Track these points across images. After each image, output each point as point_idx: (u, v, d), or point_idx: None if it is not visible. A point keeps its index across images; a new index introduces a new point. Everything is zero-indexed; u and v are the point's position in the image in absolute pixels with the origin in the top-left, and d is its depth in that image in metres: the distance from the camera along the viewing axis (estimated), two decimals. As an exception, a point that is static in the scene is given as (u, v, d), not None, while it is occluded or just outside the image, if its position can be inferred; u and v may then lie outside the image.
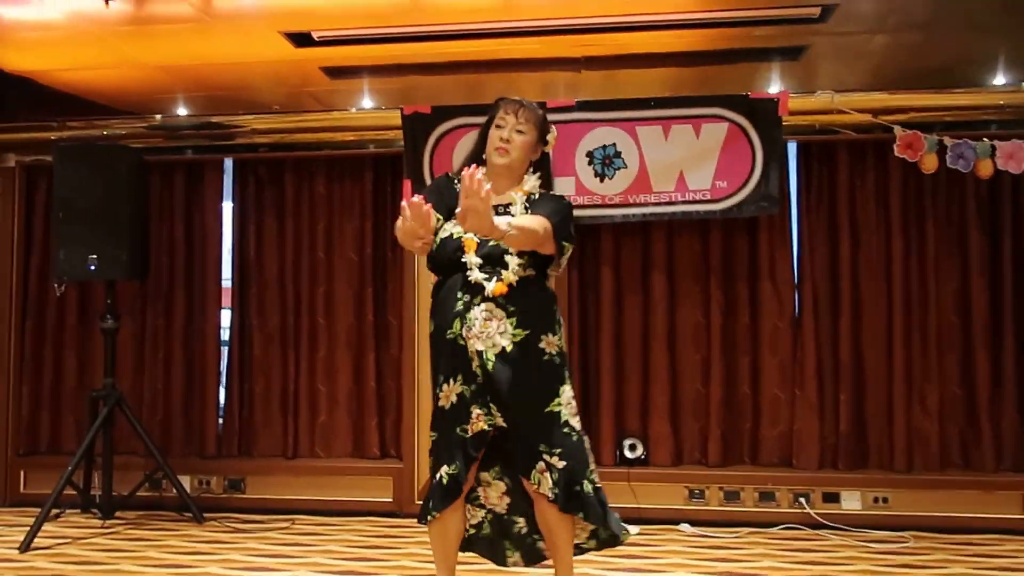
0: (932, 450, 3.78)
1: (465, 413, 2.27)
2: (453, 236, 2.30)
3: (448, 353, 2.29)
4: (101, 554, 3.37)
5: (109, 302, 3.85)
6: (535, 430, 2.26)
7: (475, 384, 2.27)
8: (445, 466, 2.29)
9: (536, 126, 2.38)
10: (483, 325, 2.25)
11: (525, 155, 2.38)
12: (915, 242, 3.86)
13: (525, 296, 2.28)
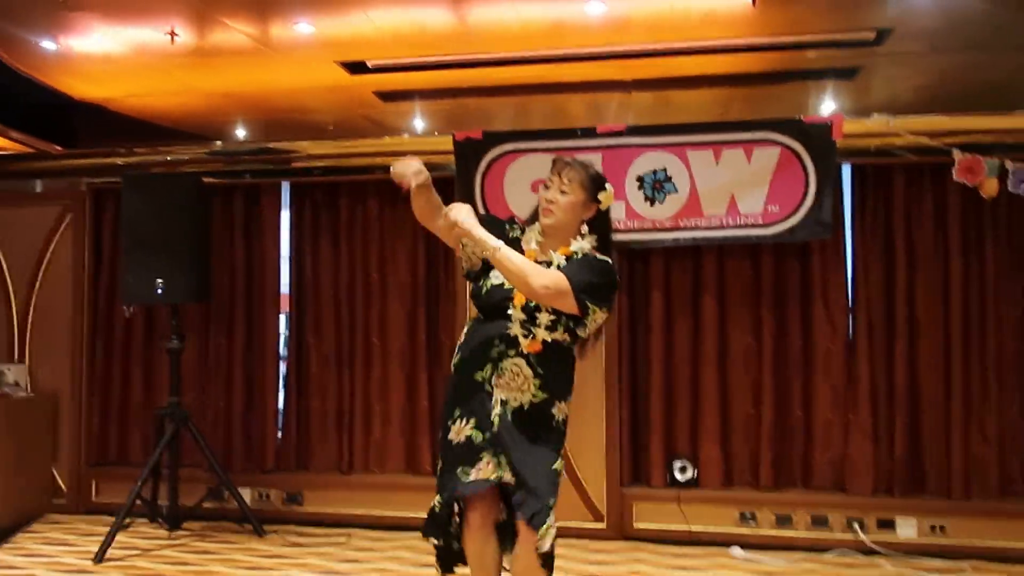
0: (991, 477, 3.71)
1: (472, 456, 2.31)
2: (504, 286, 2.35)
3: (470, 394, 2.35)
4: (169, 567, 3.52)
5: (174, 323, 4.01)
6: (540, 482, 2.29)
7: (489, 432, 2.31)
8: (439, 496, 2.38)
9: (582, 185, 2.35)
10: (511, 377, 2.31)
11: (571, 215, 2.36)
12: (975, 266, 3.78)
13: (554, 361, 2.33)
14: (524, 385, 2.31)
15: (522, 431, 2.30)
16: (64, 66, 3.76)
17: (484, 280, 2.39)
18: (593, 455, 3.89)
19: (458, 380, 2.39)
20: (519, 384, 2.31)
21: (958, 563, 3.49)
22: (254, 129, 4.45)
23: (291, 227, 4.46)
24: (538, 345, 2.30)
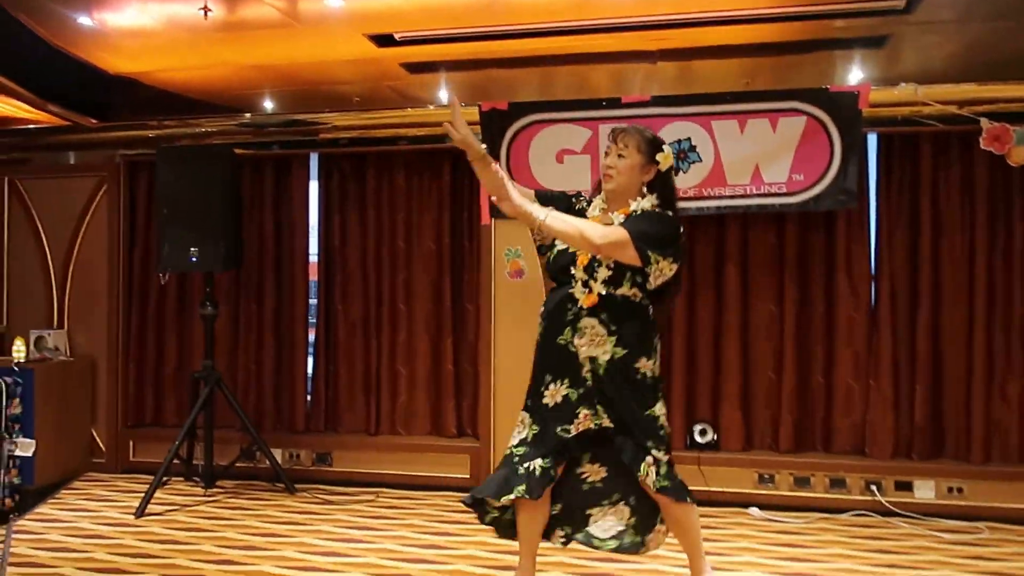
0: (1012, 442, 3.76)
1: (569, 414, 2.44)
2: (568, 251, 2.47)
3: (557, 357, 2.46)
4: (207, 521, 3.66)
5: (208, 291, 4.13)
6: (641, 429, 2.42)
7: (583, 388, 2.43)
8: (540, 459, 2.46)
9: (638, 149, 2.44)
10: (590, 336, 2.41)
11: (630, 178, 2.45)
12: (1001, 236, 3.80)
13: (627, 319, 2.42)
14: (602, 342, 2.42)
15: (615, 384, 2.42)
16: (99, 41, 3.84)
17: (551, 250, 2.53)
18: (615, 419, 3.98)
19: (544, 348, 2.51)
20: (598, 342, 2.42)
21: (975, 524, 3.55)
22: (282, 101, 4.51)
23: (319, 197, 4.55)
24: (594, 298, 2.40)
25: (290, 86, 4.46)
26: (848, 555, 3.21)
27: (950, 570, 3.04)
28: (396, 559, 3.15)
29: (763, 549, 3.26)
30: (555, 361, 2.47)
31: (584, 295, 2.42)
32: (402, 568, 3.05)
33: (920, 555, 3.21)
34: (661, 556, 2.98)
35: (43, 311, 4.67)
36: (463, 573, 3.00)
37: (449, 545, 3.33)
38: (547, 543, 2.65)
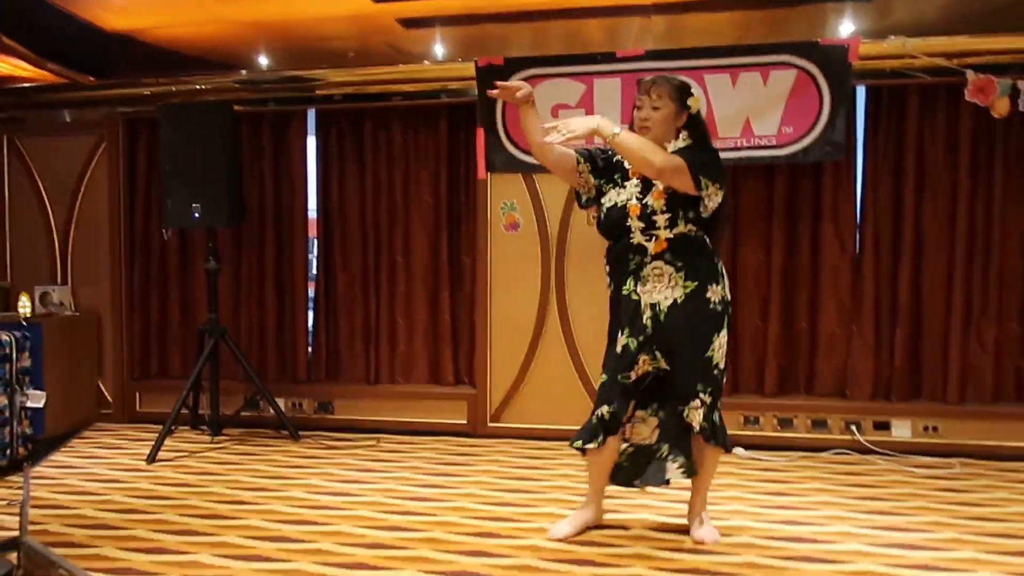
0: (985, 383, 3.93)
1: (629, 361, 2.61)
2: (617, 205, 2.60)
3: (623, 307, 2.62)
4: (216, 466, 3.82)
5: (211, 246, 4.22)
6: (695, 372, 2.60)
7: (643, 335, 2.59)
8: (606, 405, 2.64)
9: (671, 97, 2.56)
10: (655, 280, 2.56)
11: (666, 128, 2.57)
12: (983, 186, 3.91)
13: (689, 251, 2.57)
14: (672, 282, 2.56)
15: (680, 325, 2.57)
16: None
17: (600, 207, 2.66)
18: (608, 366, 4.13)
19: (614, 300, 2.68)
20: (666, 283, 2.56)
21: (947, 460, 3.74)
22: (278, 58, 4.54)
23: (317, 153, 4.62)
24: (663, 244, 2.54)
25: (286, 43, 4.50)
26: (828, 490, 3.38)
27: (923, 502, 3.22)
28: (400, 498, 3.31)
29: (748, 486, 3.43)
30: (620, 311, 2.63)
31: (652, 244, 2.56)
32: (406, 506, 3.21)
33: (895, 489, 3.39)
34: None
35: (47, 267, 4.77)
36: (463, 510, 3.16)
37: (449, 485, 3.49)
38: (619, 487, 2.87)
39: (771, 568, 2.58)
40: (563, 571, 2.56)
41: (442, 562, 2.64)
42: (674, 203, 2.54)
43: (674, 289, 2.57)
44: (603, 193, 2.70)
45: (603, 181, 2.71)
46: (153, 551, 2.76)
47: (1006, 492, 3.33)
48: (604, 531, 2.90)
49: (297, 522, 3.03)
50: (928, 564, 2.61)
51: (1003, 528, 2.92)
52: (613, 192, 2.66)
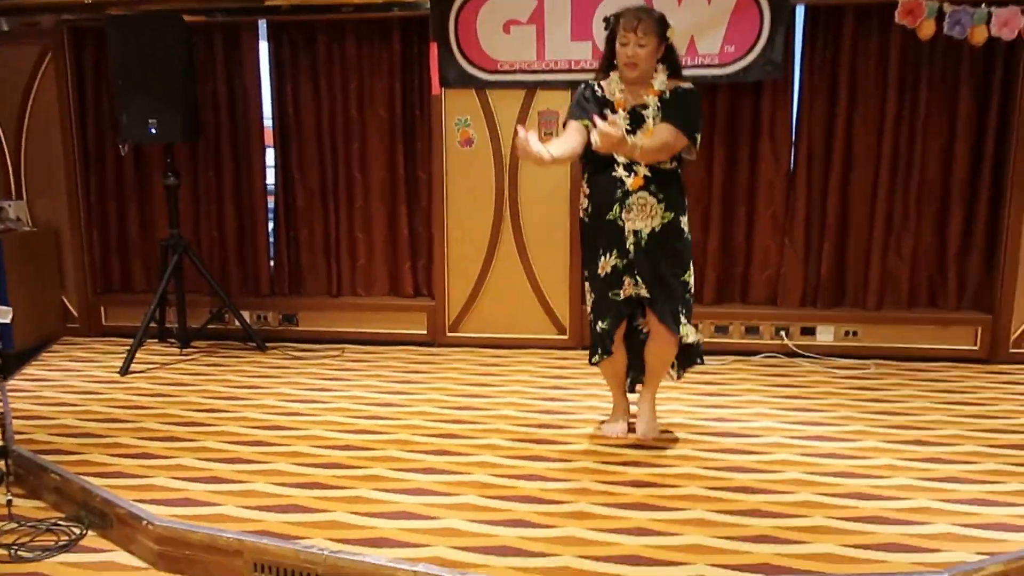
0: (902, 291, 4.29)
1: (618, 281, 2.88)
2: None
3: (607, 232, 2.85)
4: (188, 376, 4.01)
5: (169, 161, 4.26)
6: (672, 294, 2.88)
7: (627, 259, 2.85)
8: (600, 321, 2.92)
9: (655, 33, 2.72)
10: (639, 209, 2.78)
11: (651, 61, 2.76)
12: (908, 103, 4.13)
13: (669, 186, 2.82)
14: (653, 212, 2.80)
15: (658, 251, 2.83)
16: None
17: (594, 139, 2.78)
18: (558, 277, 4.37)
19: (593, 225, 2.89)
20: (648, 212, 2.80)
21: (864, 362, 4.13)
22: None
23: (270, 65, 4.60)
24: (640, 180, 2.77)
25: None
26: (757, 390, 3.74)
27: (839, 400, 3.60)
28: (366, 404, 3.57)
29: (686, 387, 3.74)
30: (605, 235, 2.85)
31: (630, 179, 2.77)
32: (373, 411, 3.47)
33: (816, 388, 3.77)
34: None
35: (1, 182, 4.74)
36: (425, 414, 3.44)
37: (412, 391, 3.76)
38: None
39: (701, 459, 2.93)
40: (518, 466, 2.87)
41: (409, 460, 2.93)
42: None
43: (653, 219, 2.82)
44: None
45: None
46: (139, 456, 2.98)
47: (912, 390, 3.74)
48: (552, 430, 3.21)
49: (272, 428, 3.27)
50: (835, 453, 2.99)
51: (904, 421, 3.32)
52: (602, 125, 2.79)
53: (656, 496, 2.63)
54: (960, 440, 3.11)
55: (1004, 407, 3.49)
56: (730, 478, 2.77)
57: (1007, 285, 4.09)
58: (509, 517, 2.49)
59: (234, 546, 2.30)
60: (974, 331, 4.18)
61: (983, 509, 2.53)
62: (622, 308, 2.92)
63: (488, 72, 4.19)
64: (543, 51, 4.11)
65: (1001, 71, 4.03)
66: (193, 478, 2.78)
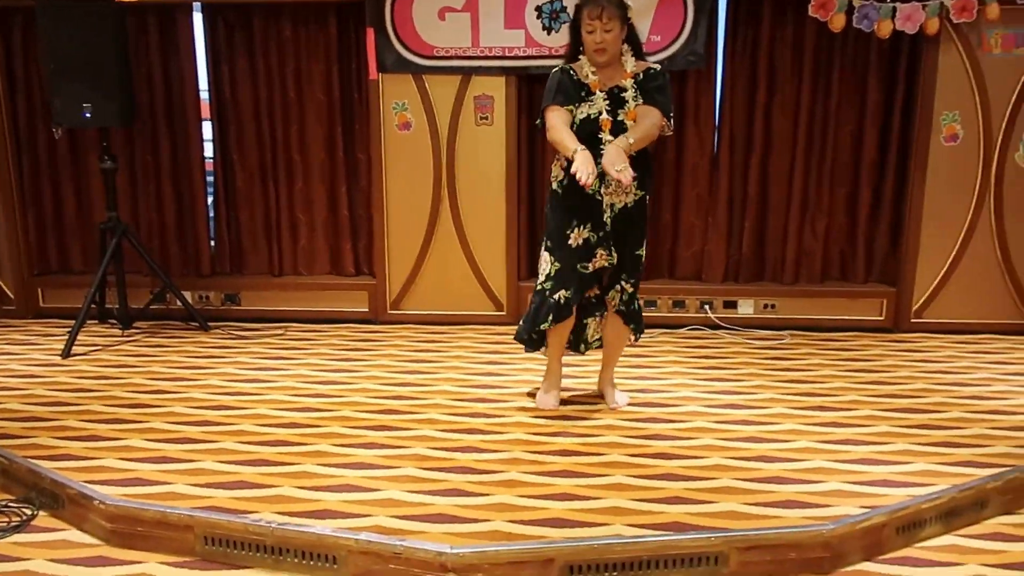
0: (815, 266, 4.60)
1: (589, 253, 3.05)
2: (591, 117, 2.93)
3: (585, 206, 3.00)
4: (132, 359, 4.08)
5: (105, 145, 4.26)
6: (627, 265, 3.10)
7: (602, 232, 3.03)
8: (563, 291, 3.08)
9: (618, 18, 2.89)
10: (616, 185, 2.94)
11: (618, 44, 2.94)
12: (822, 90, 4.40)
13: (643, 165, 3.00)
14: (628, 189, 2.97)
15: (626, 225, 3.04)
16: None
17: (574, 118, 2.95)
18: (495, 255, 4.55)
19: (571, 196, 2.99)
20: (624, 189, 2.96)
21: (780, 333, 4.44)
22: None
23: (206, 47, 4.60)
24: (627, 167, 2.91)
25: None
26: (680, 362, 4.00)
27: (754, 369, 3.89)
28: (310, 383, 3.71)
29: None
30: (582, 208, 3.01)
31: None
32: (316, 390, 3.62)
33: (734, 359, 4.05)
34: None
35: (-74, 164, 4.66)
36: (367, 391, 3.59)
37: (354, 368, 3.90)
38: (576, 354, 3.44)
39: (624, 428, 3.17)
40: (455, 439, 3.06)
41: (351, 436, 3.09)
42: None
43: (628, 195, 3.01)
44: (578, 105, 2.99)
45: (575, 103, 2.99)
46: (87, 439, 3.07)
47: (820, 359, 4.05)
48: (488, 404, 3.41)
49: (217, 408, 3.39)
50: (746, 419, 3.26)
51: (810, 388, 3.62)
52: (585, 106, 2.97)
53: (581, 464, 2.86)
54: (858, 405, 3.42)
55: (901, 374, 3.82)
56: (649, 445, 3.01)
57: (909, 260, 4.42)
58: (445, 487, 2.68)
59: (185, 521, 2.44)
60: (880, 303, 4.52)
61: (871, 468, 2.83)
62: (588, 279, 3.10)
63: (424, 58, 4.30)
64: (478, 38, 4.23)
65: (906, 61, 4.32)
66: (142, 459, 2.89)
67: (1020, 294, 4.39)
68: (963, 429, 3.17)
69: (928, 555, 2.44)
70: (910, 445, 3.02)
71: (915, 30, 4.07)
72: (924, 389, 3.61)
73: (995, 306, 4.41)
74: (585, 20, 2.91)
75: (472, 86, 4.36)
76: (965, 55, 4.16)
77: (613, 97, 2.96)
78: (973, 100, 4.21)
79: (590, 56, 2.96)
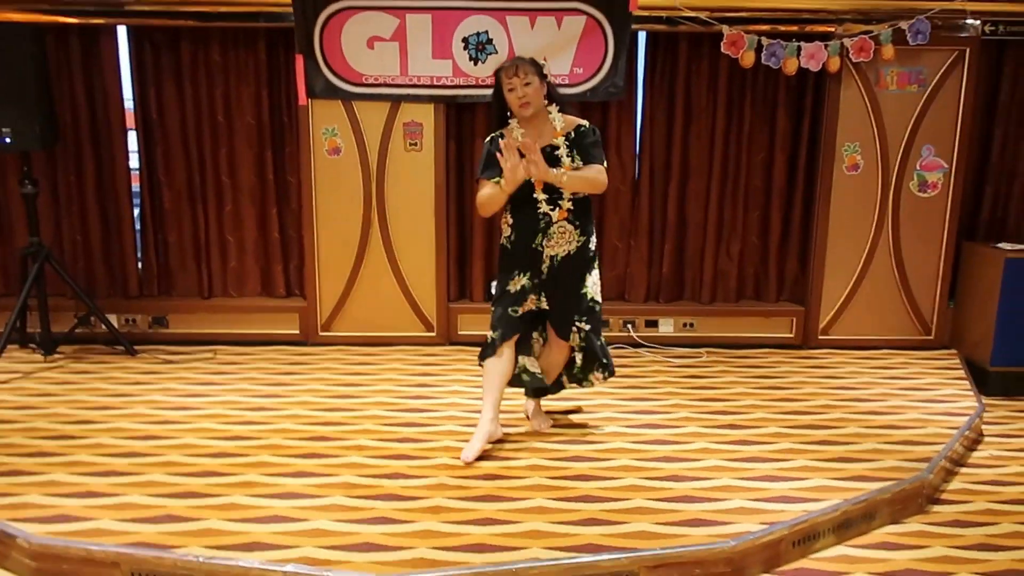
0: (731, 286, 4.85)
1: (522, 299, 3.21)
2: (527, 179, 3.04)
3: (527, 257, 3.18)
4: (55, 387, 4.02)
5: (26, 169, 4.20)
6: (574, 306, 3.24)
7: (538, 279, 3.21)
8: (496, 331, 3.22)
9: (535, 72, 3.05)
10: (559, 237, 3.14)
11: (539, 96, 3.08)
12: (735, 120, 4.65)
13: (582, 212, 3.19)
14: (571, 238, 3.18)
15: (568, 272, 3.21)
16: None
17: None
18: (425, 278, 4.65)
19: (515, 250, 3.20)
20: (567, 239, 3.18)
21: (698, 351, 4.66)
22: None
23: (132, 70, 4.57)
24: (564, 213, 3.12)
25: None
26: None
27: (672, 388, 4.09)
28: (240, 408, 3.74)
29: (540, 379, 4.14)
30: (525, 259, 3.17)
31: (555, 211, 3.10)
32: (245, 416, 3.65)
33: (654, 377, 4.25)
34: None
35: None
36: (298, 417, 3.65)
37: (284, 394, 3.95)
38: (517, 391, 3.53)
39: (545, 450, 3.31)
40: (383, 465, 3.15)
41: (280, 465, 3.15)
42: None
43: (570, 244, 3.19)
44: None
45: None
46: (9, 473, 3.05)
47: (734, 376, 4.28)
48: (416, 428, 3.51)
49: (144, 437, 3.40)
50: (662, 439, 3.45)
51: (723, 407, 3.83)
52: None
53: (503, 488, 2.98)
54: (766, 423, 3.64)
55: (807, 390, 4.08)
56: (568, 467, 3.16)
57: (816, 280, 4.71)
58: (372, 515, 2.77)
59: (111, 558, 2.47)
60: (791, 321, 4.79)
61: (772, 484, 3.04)
62: (517, 323, 3.22)
63: (354, 85, 4.37)
64: (406, 67, 4.33)
65: (811, 95, 4.61)
66: (67, 493, 2.89)
67: (915, 311, 4.72)
68: (858, 444, 3.42)
69: (820, 566, 2.65)
70: (809, 461, 3.25)
71: (818, 68, 4.35)
72: (826, 405, 3.86)
73: (894, 323, 4.73)
74: (504, 82, 3.08)
75: (401, 113, 4.46)
76: (864, 91, 4.47)
77: (546, 156, 3.05)
78: (872, 132, 4.52)
79: (517, 112, 3.10)
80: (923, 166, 4.57)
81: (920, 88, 4.47)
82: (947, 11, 4.31)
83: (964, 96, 4.47)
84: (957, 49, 4.42)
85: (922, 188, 4.59)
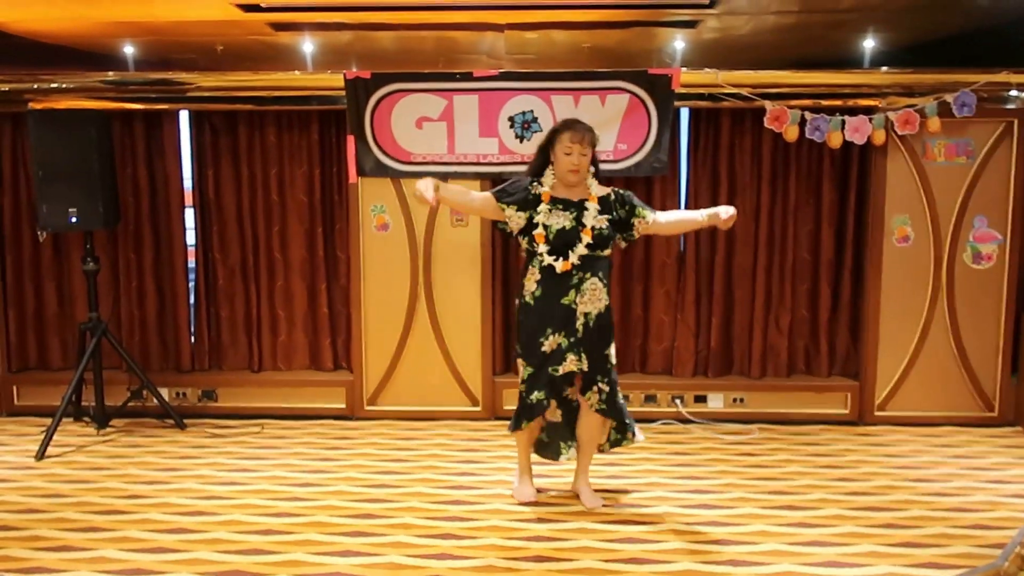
0: (781, 360, 4.74)
1: (560, 358, 3.24)
2: (566, 228, 3.19)
3: (560, 315, 3.22)
4: (107, 460, 4.08)
5: (88, 247, 4.36)
6: (597, 367, 3.29)
7: (574, 338, 3.23)
8: (536, 392, 3.24)
9: (592, 144, 3.25)
10: (591, 295, 3.19)
11: (587, 167, 3.26)
12: (780, 193, 4.64)
13: (608, 271, 3.34)
14: (600, 296, 3.26)
15: (597, 332, 3.26)
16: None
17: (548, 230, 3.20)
18: (470, 352, 4.65)
19: (544, 307, 3.23)
20: (597, 297, 3.24)
21: (749, 427, 4.54)
22: (148, 55, 4.59)
23: (192, 152, 4.77)
24: (568, 265, 3.17)
25: (154, 38, 4.56)
26: (651, 458, 4.07)
27: (724, 466, 3.98)
28: (286, 485, 3.73)
29: (588, 455, 4.07)
30: (556, 317, 3.21)
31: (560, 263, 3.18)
32: (292, 492, 3.64)
33: (704, 455, 4.13)
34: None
35: (-91, 263, 4.71)
36: (344, 494, 3.62)
37: (330, 469, 3.94)
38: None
39: (597, 531, 3.22)
40: (429, 545, 3.10)
41: (326, 544, 3.12)
42: (615, 228, 3.29)
43: (599, 302, 3.25)
44: (534, 221, 3.23)
45: (532, 211, 3.24)
46: (59, 549, 3.07)
47: (788, 454, 4.15)
48: (463, 506, 3.45)
49: (193, 513, 3.40)
50: (716, 520, 3.34)
51: (779, 487, 3.71)
52: (554, 216, 3.21)
53: (553, 571, 2.90)
54: (825, 504, 3.50)
55: (865, 469, 3.93)
56: (621, 550, 3.07)
57: (870, 354, 4.59)
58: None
59: (158, 640, 2.45)
60: (845, 396, 4.65)
61: (836, 571, 2.90)
62: (558, 383, 3.26)
63: (402, 163, 4.49)
64: (453, 145, 4.44)
65: (857, 167, 4.59)
66: (116, 570, 2.90)
67: (976, 386, 4.55)
68: (924, 528, 3.27)
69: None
70: (875, 546, 3.10)
71: (863, 141, 4.34)
72: (888, 486, 3.71)
73: (954, 399, 4.56)
74: (565, 143, 3.19)
75: (448, 190, 4.54)
76: (911, 162, 4.44)
77: (575, 210, 3.21)
78: (922, 204, 4.47)
79: (563, 176, 3.20)
80: (976, 237, 4.48)
81: (969, 160, 4.43)
82: (991, 83, 4.29)
83: (1016, 167, 4.41)
84: (1005, 121, 4.38)
85: (976, 260, 4.49)
